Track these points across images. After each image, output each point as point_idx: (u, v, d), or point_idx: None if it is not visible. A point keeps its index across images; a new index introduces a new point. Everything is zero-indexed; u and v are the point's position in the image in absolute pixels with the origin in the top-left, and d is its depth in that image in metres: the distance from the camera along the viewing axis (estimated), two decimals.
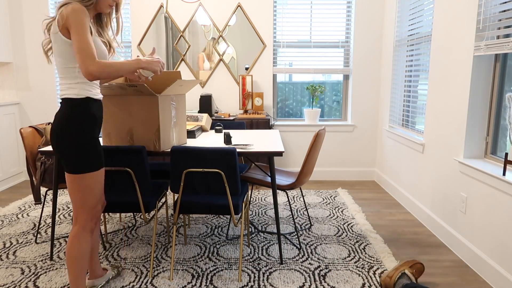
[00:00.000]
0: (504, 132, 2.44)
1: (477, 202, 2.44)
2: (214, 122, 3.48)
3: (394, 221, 3.27)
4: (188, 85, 2.41)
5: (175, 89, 2.33)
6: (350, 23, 4.40)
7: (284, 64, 4.49)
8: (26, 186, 4.27)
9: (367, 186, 4.33)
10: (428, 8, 3.22)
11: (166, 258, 2.57)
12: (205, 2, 4.29)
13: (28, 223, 3.19)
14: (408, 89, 3.69)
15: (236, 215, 2.30)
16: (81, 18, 1.65)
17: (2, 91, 4.45)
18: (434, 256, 2.63)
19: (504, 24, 2.26)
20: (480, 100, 2.52)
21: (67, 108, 1.76)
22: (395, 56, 3.98)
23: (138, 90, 2.15)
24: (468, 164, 2.49)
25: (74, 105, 1.76)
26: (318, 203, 3.68)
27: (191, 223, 3.18)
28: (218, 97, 4.47)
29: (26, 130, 2.70)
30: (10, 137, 4.32)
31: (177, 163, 2.21)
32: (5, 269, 2.43)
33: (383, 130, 4.27)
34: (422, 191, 3.24)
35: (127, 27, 4.40)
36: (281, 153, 2.32)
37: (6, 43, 4.28)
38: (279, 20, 4.40)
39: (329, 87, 4.61)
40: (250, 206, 3.60)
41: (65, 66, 1.75)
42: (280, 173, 2.96)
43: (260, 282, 2.28)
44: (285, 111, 4.66)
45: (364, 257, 2.58)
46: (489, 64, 2.48)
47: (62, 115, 1.77)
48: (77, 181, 1.80)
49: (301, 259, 2.56)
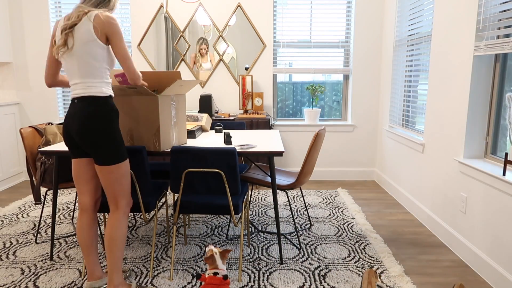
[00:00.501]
0: (504, 132, 2.44)
1: (477, 202, 2.44)
2: (214, 122, 3.48)
3: (394, 221, 3.27)
4: (188, 85, 2.42)
5: (175, 89, 2.33)
6: (350, 23, 4.40)
7: (284, 64, 4.49)
8: (26, 186, 4.27)
9: (367, 186, 4.33)
10: (428, 8, 3.22)
11: (166, 258, 2.57)
12: (205, 2, 4.29)
13: (28, 223, 3.19)
14: (408, 89, 3.69)
15: (236, 215, 2.30)
16: (119, 27, 1.91)
17: (2, 91, 4.45)
18: (434, 256, 2.63)
19: (504, 24, 2.26)
20: (480, 100, 2.52)
21: (93, 105, 1.90)
22: (395, 56, 3.98)
23: (137, 91, 2.16)
24: (468, 164, 2.49)
25: (100, 102, 1.91)
26: (318, 203, 3.68)
27: (191, 223, 3.18)
28: (218, 97, 4.47)
29: (26, 130, 2.70)
30: (10, 137, 4.32)
31: (177, 163, 2.21)
32: (5, 269, 2.43)
33: (383, 130, 4.27)
34: (422, 191, 3.24)
35: (127, 27, 4.40)
36: (281, 153, 2.32)
37: (6, 43, 4.28)
38: (279, 20, 4.40)
39: (329, 87, 4.61)
40: (250, 206, 3.60)
41: (95, 66, 1.90)
42: (280, 173, 2.96)
43: (260, 282, 2.28)
44: (285, 111, 4.66)
45: (364, 257, 2.58)
46: (489, 64, 2.48)
47: (90, 111, 1.88)
48: (116, 171, 1.96)
49: (301, 259, 2.56)
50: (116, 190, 2.00)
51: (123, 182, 2.00)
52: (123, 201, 2.03)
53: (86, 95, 1.90)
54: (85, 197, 2.08)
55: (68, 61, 1.91)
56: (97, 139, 1.90)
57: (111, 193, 2.00)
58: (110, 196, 2.01)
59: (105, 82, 1.94)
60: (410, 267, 2.48)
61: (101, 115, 1.90)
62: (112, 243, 2.00)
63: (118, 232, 2.01)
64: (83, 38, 1.85)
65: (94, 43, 1.86)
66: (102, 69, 1.92)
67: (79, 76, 1.90)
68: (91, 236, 2.09)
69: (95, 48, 1.87)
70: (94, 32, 1.85)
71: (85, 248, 2.09)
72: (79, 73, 1.89)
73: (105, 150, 1.91)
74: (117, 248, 2.01)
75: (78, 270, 2.41)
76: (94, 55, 1.88)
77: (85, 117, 1.88)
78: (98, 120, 1.89)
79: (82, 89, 1.90)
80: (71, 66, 1.90)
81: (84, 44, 1.86)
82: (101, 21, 1.85)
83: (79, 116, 1.89)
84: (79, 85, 1.90)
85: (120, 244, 2.01)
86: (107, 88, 1.95)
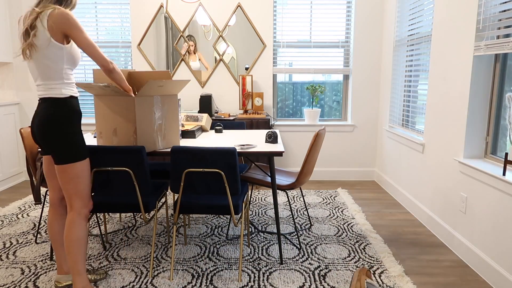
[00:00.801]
0: (504, 132, 2.44)
1: (477, 202, 2.44)
2: (214, 122, 3.48)
3: (394, 221, 3.27)
4: (174, 85, 2.35)
5: (153, 90, 2.26)
6: (350, 23, 4.40)
7: (284, 64, 4.49)
8: (26, 186, 4.27)
9: (367, 186, 4.33)
10: (428, 8, 3.22)
11: (166, 258, 2.57)
12: (205, 2, 4.29)
13: (28, 223, 3.19)
14: (408, 89, 3.69)
15: (236, 215, 2.30)
16: (76, 20, 1.87)
17: (2, 91, 4.45)
18: (434, 256, 2.63)
19: (504, 24, 2.26)
20: (480, 100, 2.52)
21: (52, 106, 1.92)
22: (395, 56, 3.98)
23: (116, 91, 2.16)
24: (468, 164, 2.49)
25: (59, 103, 1.93)
26: (318, 203, 3.68)
27: (191, 223, 3.18)
28: (218, 97, 4.47)
29: (26, 130, 2.70)
30: (10, 137, 4.32)
31: (177, 163, 2.21)
32: (5, 269, 2.43)
33: (383, 130, 4.27)
34: (422, 191, 3.24)
35: (127, 27, 4.40)
36: (281, 153, 2.32)
37: (6, 43, 4.28)
38: (279, 20, 4.40)
39: (329, 87, 4.61)
40: (250, 206, 3.60)
41: (53, 68, 1.91)
42: (280, 173, 2.96)
43: (260, 282, 2.28)
44: (285, 111, 4.66)
45: (364, 257, 2.58)
46: (489, 64, 2.48)
47: (48, 113, 1.91)
48: (69, 171, 1.95)
49: (301, 259, 2.56)
50: (69, 190, 1.99)
51: (78, 182, 1.98)
52: (78, 203, 2.01)
53: (46, 97, 1.93)
54: (52, 193, 2.15)
55: (29, 65, 1.95)
56: (52, 139, 1.92)
57: (65, 192, 2.01)
58: (66, 196, 2.02)
59: (65, 83, 1.95)
60: (410, 267, 2.48)
61: (59, 116, 1.91)
62: (68, 244, 2.00)
63: (73, 234, 2.00)
64: (38, 43, 1.86)
65: (50, 45, 1.86)
66: (60, 70, 1.92)
67: (40, 78, 1.93)
68: (57, 230, 2.14)
69: (52, 50, 1.87)
70: (50, 34, 1.85)
71: (53, 242, 2.16)
72: (39, 75, 1.93)
73: (59, 149, 1.93)
74: (73, 250, 2.00)
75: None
76: (52, 57, 1.89)
77: (44, 117, 1.92)
78: (55, 122, 1.91)
79: (43, 90, 1.94)
80: (32, 69, 1.94)
81: (40, 49, 1.87)
82: (55, 19, 1.84)
83: (40, 116, 1.93)
84: (41, 87, 1.94)
85: (76, 247, 2.00)
86: (67, 89, 1.96)
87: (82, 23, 4.40)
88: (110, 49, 4.47)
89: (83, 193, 2.02)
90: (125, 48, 4.45)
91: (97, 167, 2.20)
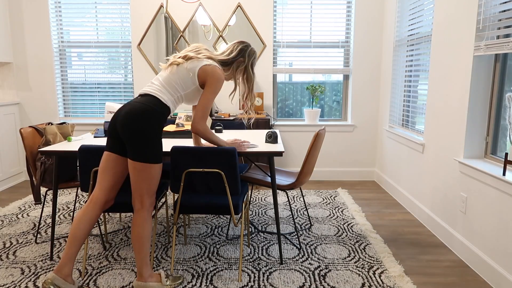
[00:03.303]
0: (504, 132, 2.44)
1: (477, 202, 2.44)
2: (214, 122, 3.48)
3: (394, 221, 3.27)
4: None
5: None
6: (350, 23, 4.40)
7: (284, 64, 4.49)
8: (26, 186, 4.27)
9: (367, 186, 4.33)
10: (428, 8, 3.22)
11: (166, 258, 2.57)
12: (205, 2, 4.29)
13: (28, 223, 3.19)
14: (408, 89, 3.69)
15: (236, 215, 2.30)
16: (219, 86, 2.19)
17: (2, 91, 4.45)
18: (434, 256, 2.63)
19: (504, 24, 2.26)
20: (480, 100, 2.52)
21: (154, 103, 2.06)
22: (395, 56, 3.98)
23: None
24: (468, 164, 2.49)
25: (159, 104, 2.09)
26: (318, 203, 3.68)
27: (191, 223, 3.18)
28: (218, 97, 4.47)
29: (26, 130, 2.70)
30: (10, 137, 4.32)
31: (177, 163, 2.21)
32: (5, 269, 2.43)
33: (383, 130, 4.27)
34: (422, 191, 3.24)
35: (127, 27, 4.40)
36: (281, 153, 2.32)
37: (6, 43, 4.28)
38: (279, 20, 4.40)
39: (329, 87, 4.61)
40: (250, 206, 3.60)
41: (180, 89, 2.17)
42: (280, 173, 2.96)
43: (260, 282, 2.28)
44: (285, 111, 4.66)
45: (364, 257, 2.58)
46: (489, 64, 2.48)
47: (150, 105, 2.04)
48: (148, 170, 2.03)
49: (301, 259, 2.56)
50: (143, 189, 2.05)
51: (152, 183, 2.07)
52: (149, 201, 2.09)
53: (152, 94, 2.10)
54: (99, 191, 2.11)
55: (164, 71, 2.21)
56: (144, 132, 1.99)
57: (138, 190, 2.06)
58: (137, 194, 2.06)
59: (171, 100, 2.15)
60: (410, 267, 2.48)
61: (157, 112, 2.05)
62: (140, 241, 2.07)
63: (145, 230, 2.08)
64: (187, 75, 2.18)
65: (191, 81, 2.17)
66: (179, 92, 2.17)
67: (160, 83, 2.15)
68: (84, 228, 2.05)
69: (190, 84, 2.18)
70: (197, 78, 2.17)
71: (73, 239, 2.02)
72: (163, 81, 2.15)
73: (147, 146, 2.00)
74: (145, 245, 2.09)
75: (78, 270, 2.41)
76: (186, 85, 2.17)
77: (142, 108, 2.02)
78: (151, 116, 2.02)
79: (153, 89, 2.12)
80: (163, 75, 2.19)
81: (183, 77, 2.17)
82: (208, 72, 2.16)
83: (132, 104, 2.04)
84: (154, 86, 2.14)
85: (146, 242, 2.10)
86: (170, 102, 2.14)
87: (82, 23, 4.41)
88: (110, 49, 4.47)
89: (154, 192, 2.11)
90: (125, 48, 4.45)
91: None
